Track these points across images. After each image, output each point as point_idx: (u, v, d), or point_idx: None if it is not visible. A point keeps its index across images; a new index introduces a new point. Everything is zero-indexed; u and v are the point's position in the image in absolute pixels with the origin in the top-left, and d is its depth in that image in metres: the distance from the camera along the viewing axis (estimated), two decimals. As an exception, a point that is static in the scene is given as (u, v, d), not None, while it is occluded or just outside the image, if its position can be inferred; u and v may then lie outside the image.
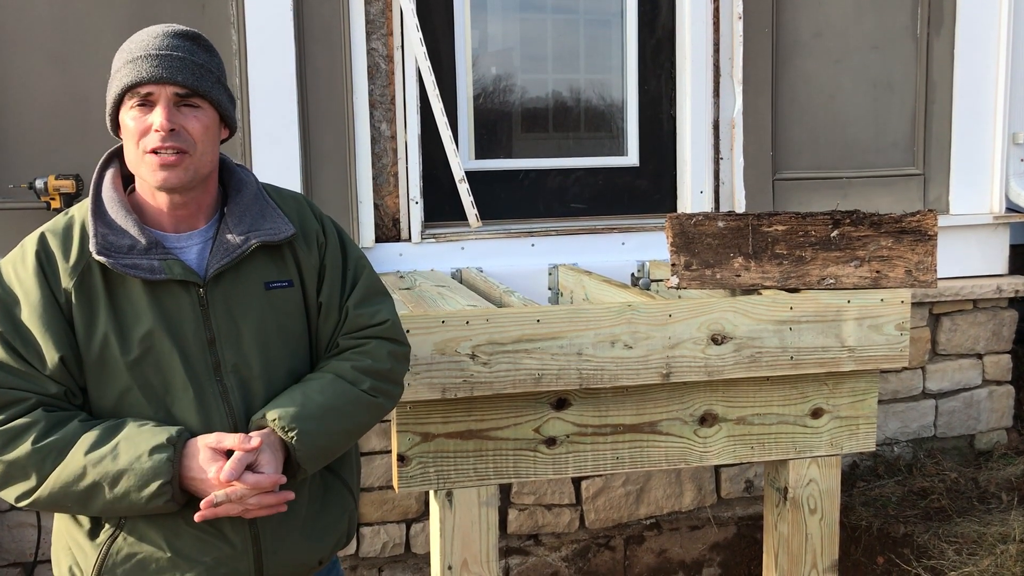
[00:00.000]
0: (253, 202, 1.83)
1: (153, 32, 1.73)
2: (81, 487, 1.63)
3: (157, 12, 3.43)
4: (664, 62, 4.27)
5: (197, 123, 1.71)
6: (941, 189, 4.49)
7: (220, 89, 1.77)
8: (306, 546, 1.84)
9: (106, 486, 1.62)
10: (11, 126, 3.46)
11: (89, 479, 1.62)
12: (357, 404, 1.82)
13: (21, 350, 1.66)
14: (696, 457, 2.61)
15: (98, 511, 1.67)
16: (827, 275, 2.61)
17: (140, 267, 1.69)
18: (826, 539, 2.72)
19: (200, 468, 1.66)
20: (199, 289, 1.74)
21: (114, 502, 1.64)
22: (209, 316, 1.74)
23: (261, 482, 1.66)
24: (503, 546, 3.97)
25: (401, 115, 3.84)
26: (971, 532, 3.89)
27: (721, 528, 4.19)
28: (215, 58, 1.78)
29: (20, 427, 1.63)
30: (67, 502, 1.65)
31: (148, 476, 1.62)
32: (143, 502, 1.63)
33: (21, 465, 1.63)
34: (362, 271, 1.94)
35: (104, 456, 1.63)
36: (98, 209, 1.73)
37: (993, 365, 4.63)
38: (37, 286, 1.68)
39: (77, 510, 1.67)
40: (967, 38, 4.39)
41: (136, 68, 1.68)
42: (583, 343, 2.40)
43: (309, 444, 1.73)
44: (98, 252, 1.68)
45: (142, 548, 1.71)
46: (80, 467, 1.63)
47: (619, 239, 4.09)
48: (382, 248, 3.85)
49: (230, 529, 1.74)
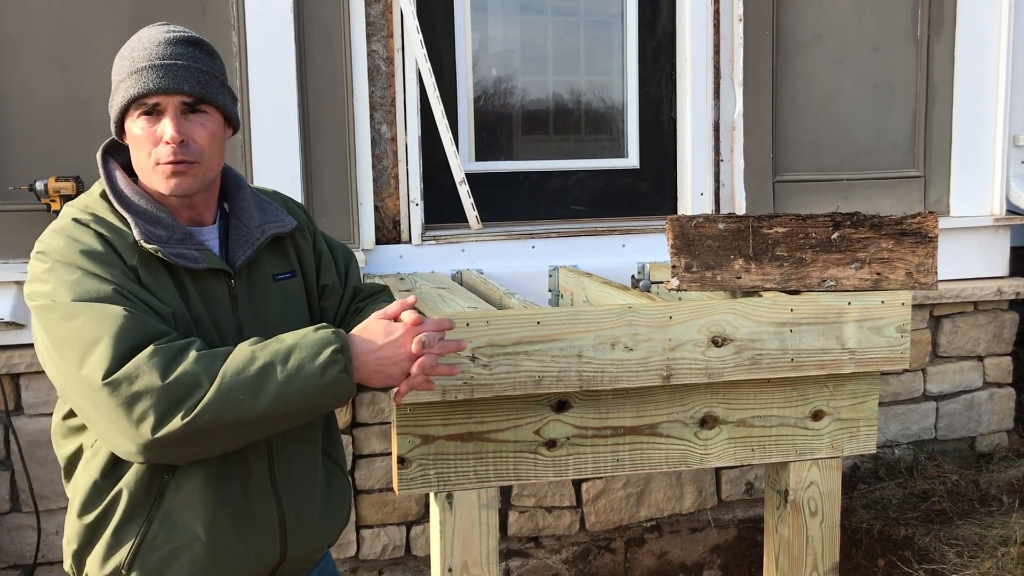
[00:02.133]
0: (252, 197, 1.91)
1: (155, 39, 1.74)
2: (253, 371, 1.57)
3: (157, 15, 3.42)
4: (664, 64, 4.27)
5: (204, 131, 1.73)
6: (942, 191, 4.48)
7: (225, 93, 1.80)
8: (323, 527, 1.92)
9: (278, 365, 1.58)
10: (11, 128, 3.46)
11: (260, 361, 1.58)
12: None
13: (140, 303, 1.63)
14: (696, 459, 2.60)
15: (271, 399, 1.58)
16: (828, 277, 2.61)
17: (184, 256, 1.72)
18: (827, 541, 2.72)
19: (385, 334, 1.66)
20: (230, 280, 1.79)
21: (289, 381, 1.58)
22: (237, 307, 1.79)
23: (441, 322, 1.72)
24: (503, 548, 3.97)
25: (401, 117, 3.84)
26: (972, 535, 3.88)
27: (722, 530, 4.18)
28: (217, 61, 1.81)
29: (182, 344, 1.60)
30: (238, 394, 1.56)
31: (319, 345, 1.61)
32: (318, 372, 1.59)
33: (190, 373, 1.55)
34: (349, 258, 2.10)
35: (270, 342, 1.62)
36: (124, 201, 1.74)
37: (994, 367, 4.63)
38: (115, 257, 1.66)
39: (248, 406, 1.57)
40: (968, 40, 4.39)
41: (142, 79, 1.69)
42: (583, 345, 2.40)
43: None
44: (145, 240, 1.68)
45: (177, 536, 1.71)
46: (248, 353, 1.60)
47: (619, 241, 4.09)
48: (382, 250, 3.85)
49: (262, 513, 1.78)
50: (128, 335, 1.56)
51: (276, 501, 1.79)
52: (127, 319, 1.57)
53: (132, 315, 1.57)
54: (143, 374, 1.54)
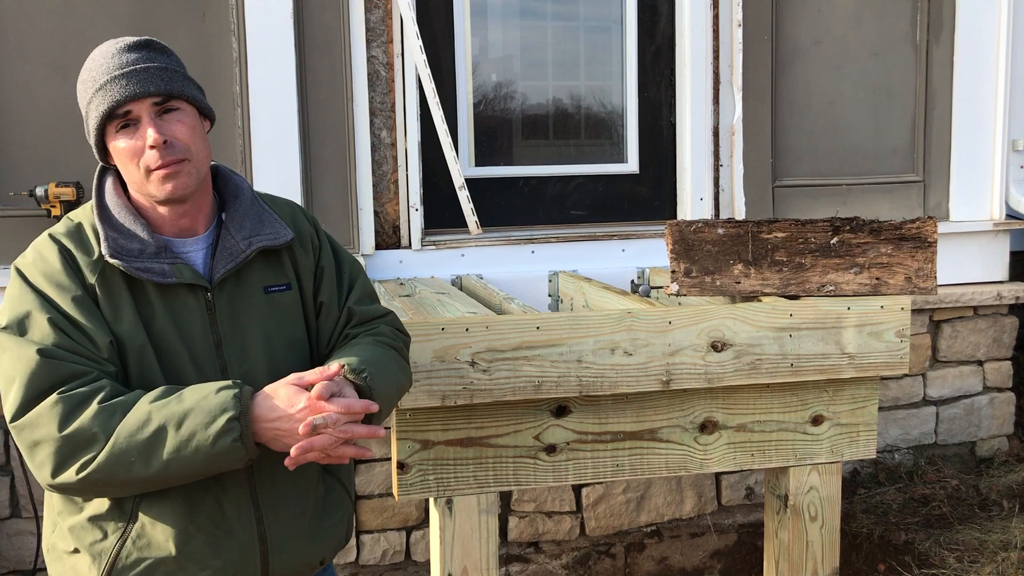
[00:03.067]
0: (251, 207, 1.87)
1: (107, 53, 1.73)
2: (146, 434, 1.57)
3: (157, 21, 3.43)
4: (664, 69, 4.28)
5: (183, 127, 1.72)
6: (941, 196, 4.49)
7: (190, 84, 1.78)
8: (310, 546, 1.86)
9: (171, 429, 1.56)
10: (12, 134, 3.47)
11: (154, 423, 1.57)
12: (397, 365, 1.89)
13: (73, 334, 1.64)
14: (696, 464, 2.60)
15: (162, 465, 1.58)
16: (827, 282, 2.61)
17: (152, 270, 1.71)
18: (827, 546, 2.72)
19: (287, 404, 1.61)
20: (207, 293, 1.76)
21: (180, 448, 1.57)
22: (216, 320, 1.76)
23: (353, 405, 1.61)
24: (503, 553, 3.96)
25: (401, 122, 3.84)
26: (972, 539, 3.88)
27: (722, 535, 4.18)
28: (173, 56, 1.79)
29: (86, 393, 1.60)
30: (130, 456, 1.57)
31: (215, 411, 1.57)
32: (210, 442, 1.56)
33: (86, 428, 1.56)
34: (358, 274, 2.00)
35: (169, 401, 1.60)
36: (104, 214, 1.74)
37: (994, 372, 4.63)
38: (68, 278, 1.67)
39: (140, 469, 1.58)
40: (967, 45, 4.39)
41: (108, 93, 1.68)
42: (583, 350, 2.40)
43: (380, 385, 1.74)
44: (111, 255, 1.68)
45: (151, 553, 1.69)
46: (145, 413, 1.58)
47: (619, 246, 4.09)
48: (382, 255, 3.85)
49: (239, 528, 1.74)
50: (37, 380, 1.59)
51: (256, 517, 1.75)
52: (39, 364, 1.59)
53: (44, 361, 1.60)
54: (43, 423, 1.58)
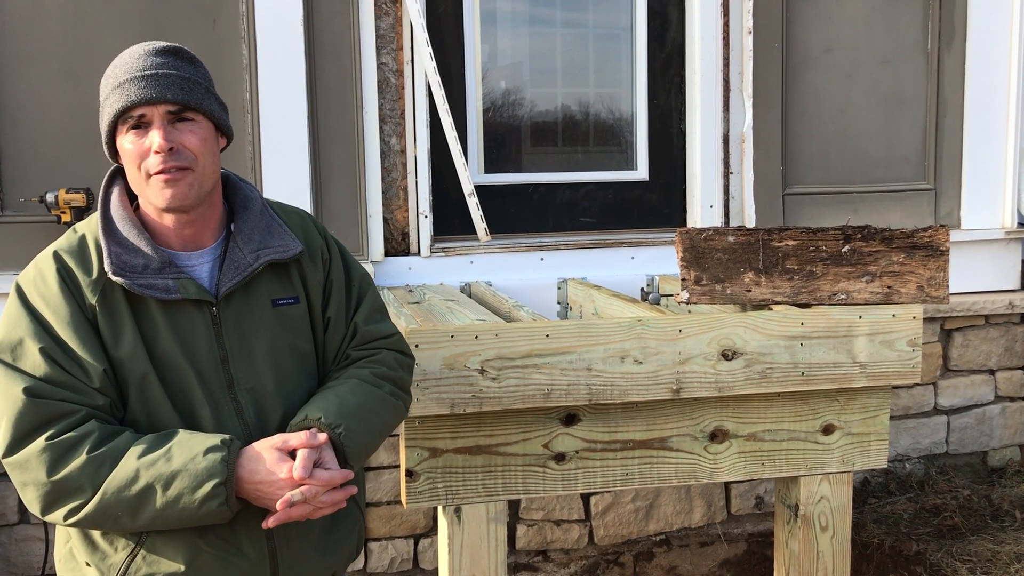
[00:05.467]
0: (260, 219, 1.84)
1: (135, 53, 1.73)
2: (133, 491, 1.58)
3: (168, 28, 3.44)
4: (674, 76, 4.27)
5: (194, 137, 1.70)
6: (953, 204, 4.47)
7: (211, 99, 1.76)
8: (320, 561, 1.85)
9: (159, 489, 1.58)
10: (22, 140, 3.48)
11: (142, 482, 1.59)
12: (384, 405, 1.86)
13: (65, 364, 1.64)
14: (706, 473, 2.59)
15: (148, 521, 1.61)
16: (838, 290, 2.60)
17: (155, 287, 1.69)
18: (837, 557, 2.69)
19: (268, 471, 1.63)
20: (212, 308, 1.74)
21: (165, 508, 1.59)
22: (222, 334, 1.75)
23: (334, 478, 1.65)
24: (512, 562, 3.95)
25: (411, 129, 3.84)
26: (985, 550, 3.85)
27: (731, 545, 4.16)
28: (200, 68, 1.78)
29: (74, 439, 1.60)
30: (117, 510, 1.60)
31: (202, 476, 1.59)
32: (196, 505, 1.59)
33: (75, 478, 1.59)
34: (367, 288, 1.97)
35: (157, 459, 1.60)
36: (108, 227, 1.73)
37: (1006, 381, 4.60)
38: (65, 302, 1.67)
39: (126, 522, 1.61)
40: (978, 52, 4.38)
41: (125, 92, 1.67)
42: (593, 358, 2.39)
43: (355, 440, 1.74)
44: (114, 272, 1.67)
45: (160, 568, 1.69)
46: (133, 470, 1.59)
47: (628, 253, 4.08)
48: (391, 262, 3.85)
49: (248, 546, 1.73)
50: (24, 420, 1.60)
51: (266, 534, 1.74)
52: (25, 404, 1.60)
53: (31, 401, 1.60)
54: (31, 468, 1.59)
